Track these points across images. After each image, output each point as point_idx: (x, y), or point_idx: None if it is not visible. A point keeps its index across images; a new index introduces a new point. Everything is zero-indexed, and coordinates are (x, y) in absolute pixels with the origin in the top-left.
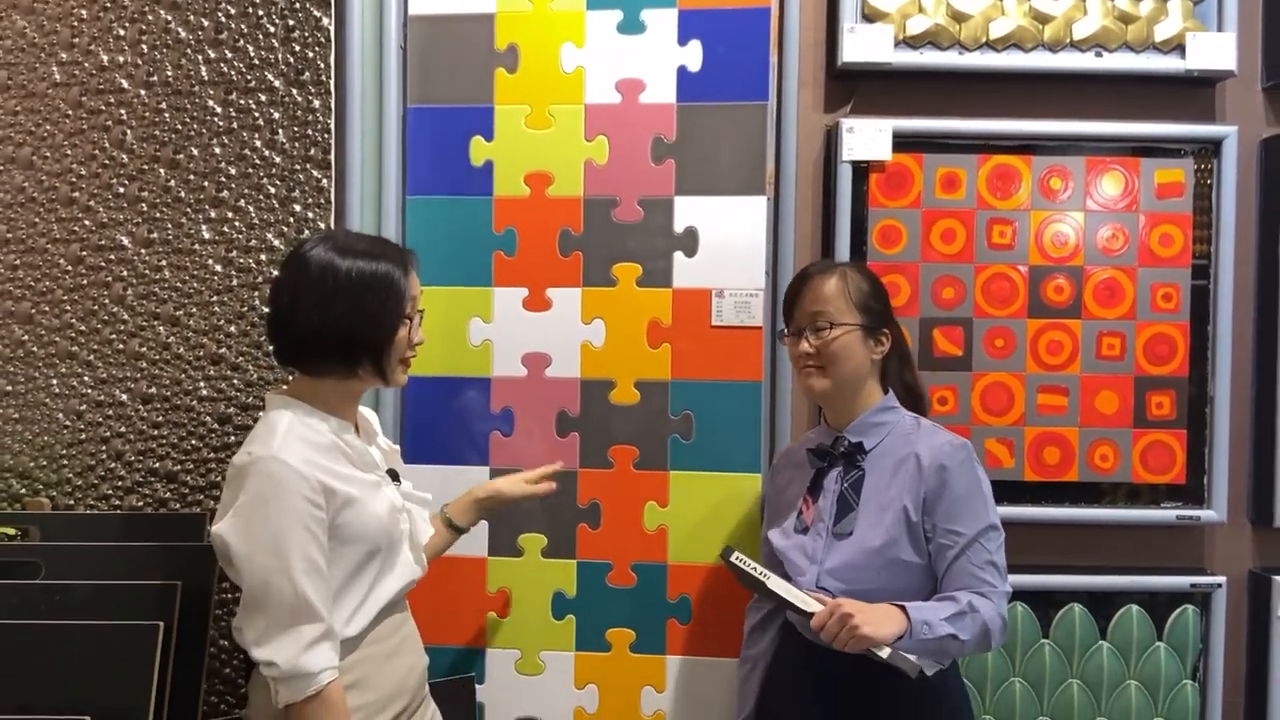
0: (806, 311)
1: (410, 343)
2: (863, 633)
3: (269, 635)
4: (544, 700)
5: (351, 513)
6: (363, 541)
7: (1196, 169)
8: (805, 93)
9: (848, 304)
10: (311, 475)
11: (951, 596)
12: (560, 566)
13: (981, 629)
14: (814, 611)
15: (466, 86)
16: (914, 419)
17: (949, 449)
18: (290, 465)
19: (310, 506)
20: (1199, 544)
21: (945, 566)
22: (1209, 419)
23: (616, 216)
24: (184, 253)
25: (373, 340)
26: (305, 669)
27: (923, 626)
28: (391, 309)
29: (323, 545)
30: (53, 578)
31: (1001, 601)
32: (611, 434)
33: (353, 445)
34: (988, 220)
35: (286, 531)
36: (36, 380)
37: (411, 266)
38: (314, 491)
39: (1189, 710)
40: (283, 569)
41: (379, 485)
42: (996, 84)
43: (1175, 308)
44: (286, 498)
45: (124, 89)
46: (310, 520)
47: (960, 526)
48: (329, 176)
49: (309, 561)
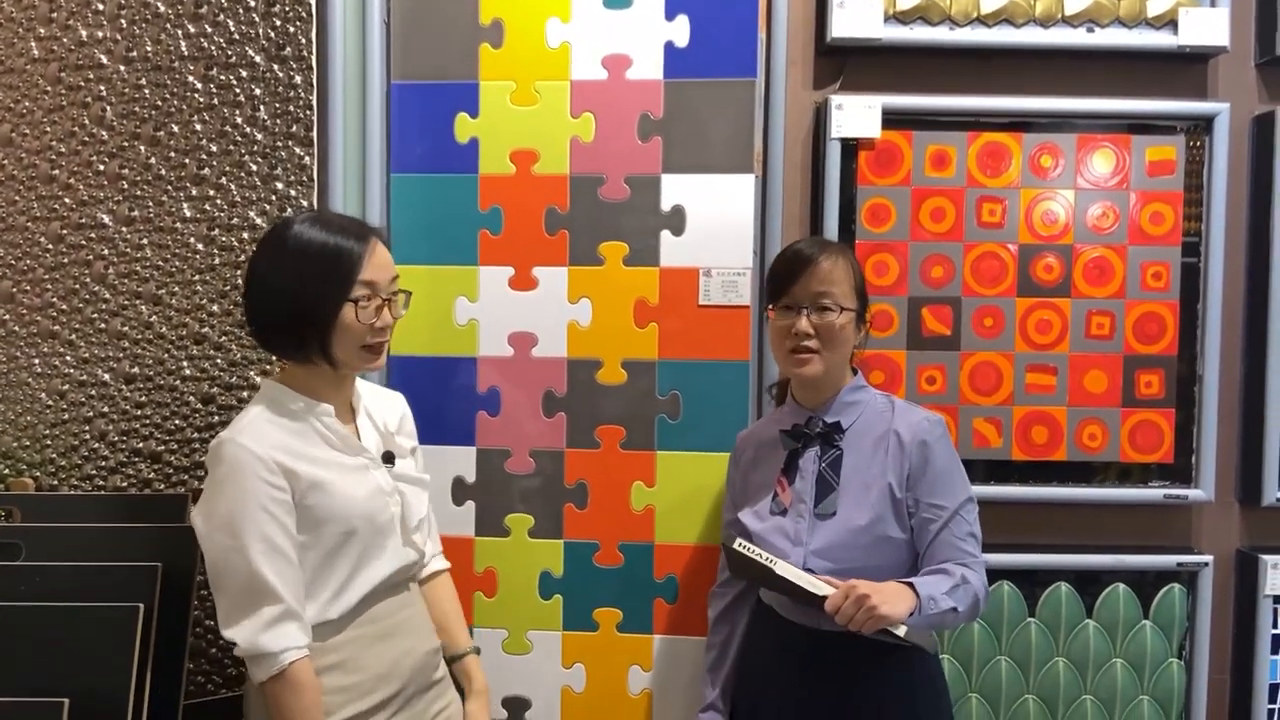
0: (809, 291)
1: (370, 326)
2: (881, 612)
3: (230, 615)
4: (531, 679)
5: (320, 495)
6: (335, 523)
7: (1188, 146)
8: (794, 69)
9: (850, 289)
10: (269, 456)
11: (943, 569)
12: (547, 546)
13: (974, 599)
14: (825, 595)
15: (451, 62)
16: (886, 397)
17: (927, 425)
18: (246, 447)
19: (267, 487)
20: (1187, 523)
21: (929, 540)
22: (1198, 398)
23: (603, 195)
24: (165, 231)
25: (313, 318)
26: (264, 648)
27: (929, 602)
28: (331, 287)
29: (285, 526)
30: (33, 559)
31: (982, 571)
32: (598, 414)
33: (332, 429)
34: (977, 198)
35: (241, 512)
36: (18, 360)
37: (371, 246)
38: (271, 472)
39: (1174, 688)
40: (238, 548)
41: (364, 468)
42: (987, 60)
43: (1165, 286)
44: (242, 479)
45: (103, 64)
46: (268, 501)
47: (942, 500)
48: (311, 154)
49: (266, 542)
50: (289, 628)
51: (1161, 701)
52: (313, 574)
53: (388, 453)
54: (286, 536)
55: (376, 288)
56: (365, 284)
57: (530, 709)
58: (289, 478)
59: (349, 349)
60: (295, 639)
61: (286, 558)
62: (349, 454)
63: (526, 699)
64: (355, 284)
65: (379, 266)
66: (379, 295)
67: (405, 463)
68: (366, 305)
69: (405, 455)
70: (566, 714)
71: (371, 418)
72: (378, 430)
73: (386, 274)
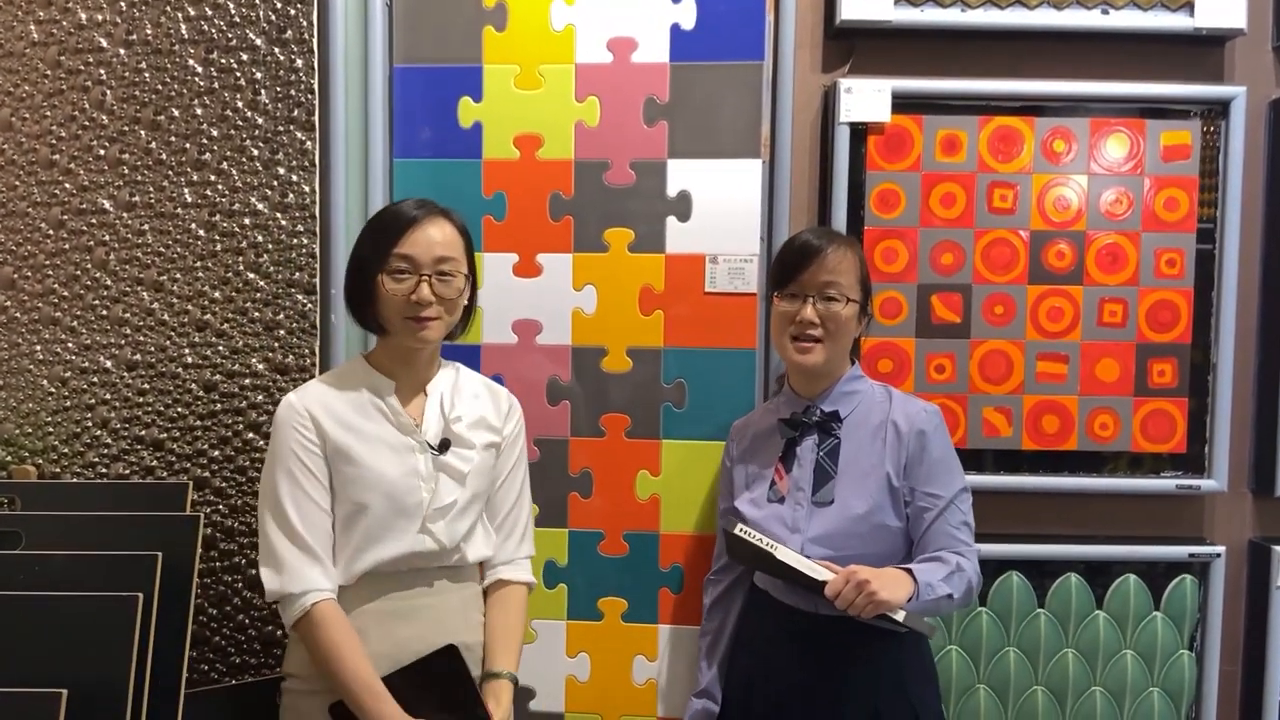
0: (817, 281)
1: (405, 299)
2: (881, 597)
3: (262, 559)
4: (536, 669)
5: (345, 462)
6: (354, 493)
7: (1204, 131)
8: (802, 52)
9: (856, 280)
10: (306, 410)
11: (938, 557)
12: (551, 535)
13: (967, 586)
14: (825, 581)
15: (454, 45)
16: (883, 388)
17: (924, 415)
18: (290, 403)
19: (300, 436)
20: (1199, 513)
21: (924, 528)
22: (1211, 387)
23: (608, 180)
24: (166, 216)
25: (359, 285)
26: (287, 590)
27: (927, 588)
28: (372, 257)
29: (315, 475)
30: (34, 548)
31: (975, 559)
32: (603, 402)
33: (389, 404)
34: (989, 184)
35: (276, 460)
36: (20, 346)
37: (418, 223)
38: (305, 425)
39: (1185, 680)
40: (271, 492)
41: (409, 449)
42: (999, 42)
43: (1179, 273)
44: (281, 430)
45: (103, 48)
46: (300, 449)
47: (938, 489)
48: (313, 138)
49: (295, 487)
50: (312, 571)
51: (1172, 693)
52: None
53: (444, 440)
54: (317, 485)
55: (416, 263)
56: (401, 257)
57: (534, 698)
58: (319, 433)
59: (392, 319)
60: (317, 582)
61: (315, 504)
62: (399, 431)
63: (530, 688)
64: (390, 256)
65: (422, 243)
66: (419, 271)
67: (464, 454)
68: (401, 279)
69: (470, 446)
70: (571, 703)
71: (444, 403)
72: (444, 417)
73: (430, 252)
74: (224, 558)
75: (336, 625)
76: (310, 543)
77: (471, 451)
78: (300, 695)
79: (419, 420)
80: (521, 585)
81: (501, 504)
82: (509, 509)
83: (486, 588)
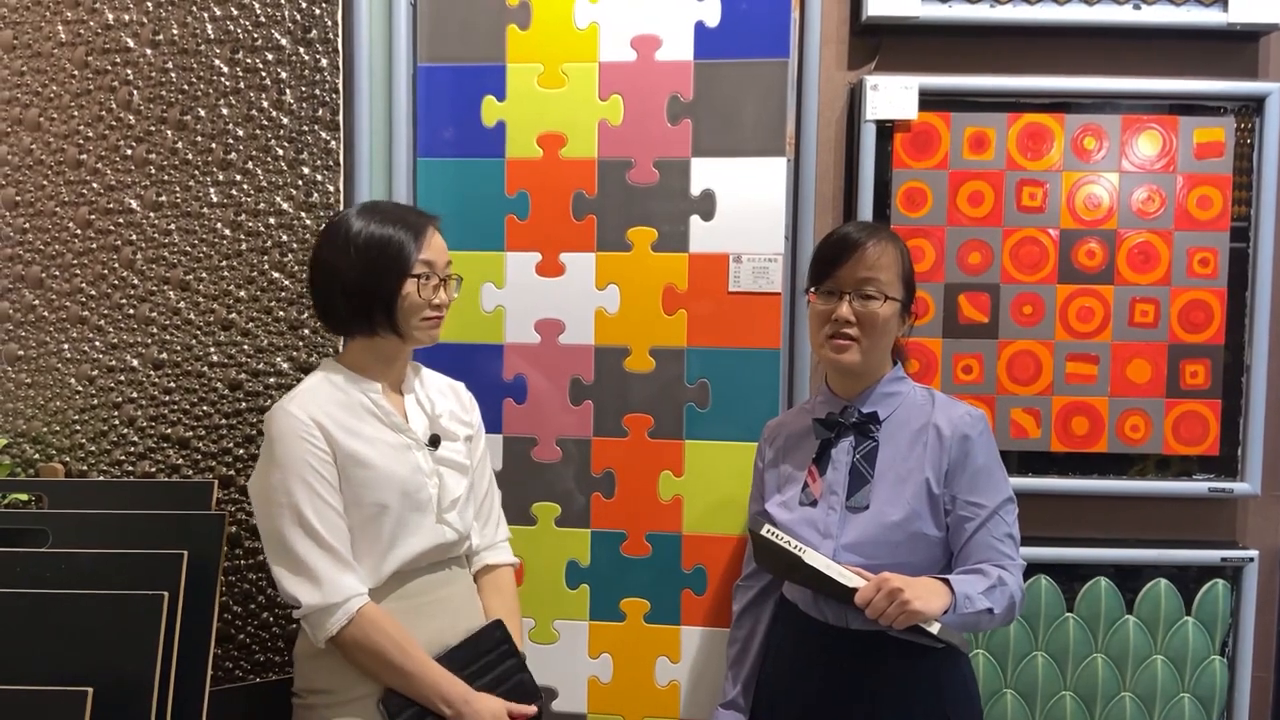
0: (855, 276)
1: (428, 301)
2: (914, 608)
3: (289, 577)
4: (558, 669)
5: (358, 467)
6: (372, 495)
7: (1238, 128)
8: (828, 49)
9: (897, 277)
10: (311, 420)
11: (979, 569)
12: (574, 536)
13: (1009, 602)
14: (856, 587)
15: (478, 44)
16: (926, 390)
17: (969, 419)
18: (291, 413)
19: (311, 447)
20: (1231, 517)
21: (965, 539)
22: (1245, 388)
23: (631, 179)
24: (192, 216)
25: (380, 294)
26: (328, 601)
27: (965, 600)
28: (394, 265)
29: (330, 483)
30: (60, 546)
31: (1019, 574)
32: (626, 402)
33: (378, 404)
34: (1017, 182)
35: (289, 472)
36: (48, 345)
37: (426, 230)
38: (313, 435)
39: (1216, 686)
40: (290, 505)
41: (407, 447)
42: (1028, 38)
43: (1213, 273)
44: (288, 442)
45: (129, 48)
46: (313, 459)
47: (981, 498)
48: (337, 138)
49: (315, 498)
50: (348, 579)
51: (1203, 699)
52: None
53: (434, 436)
54: (333, 493)
55: (435, 267)
56: (425, 263)
57: (557, 699)
58: (329, 441)
59: (411, 320)
60: (355, 588)
61: (336, 512)
62: (393, 430)
63: (553, 689)
64: (417, 262)
65: (436, 249)
66: (436, 275)
67: (454, 446)
68: (426, 283)
69: (455, 439)
70: (593, 704)
71: (421, 401)
72: (426, 413)
73: (443, 257)
74: (249, 555)
75: (387, 621)
76: (340, 550)
77: (458, 443)
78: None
79: (404, 419)
80: (508, 567)
81: (478, 492)
82: (484, 496)
83: (475, 573)
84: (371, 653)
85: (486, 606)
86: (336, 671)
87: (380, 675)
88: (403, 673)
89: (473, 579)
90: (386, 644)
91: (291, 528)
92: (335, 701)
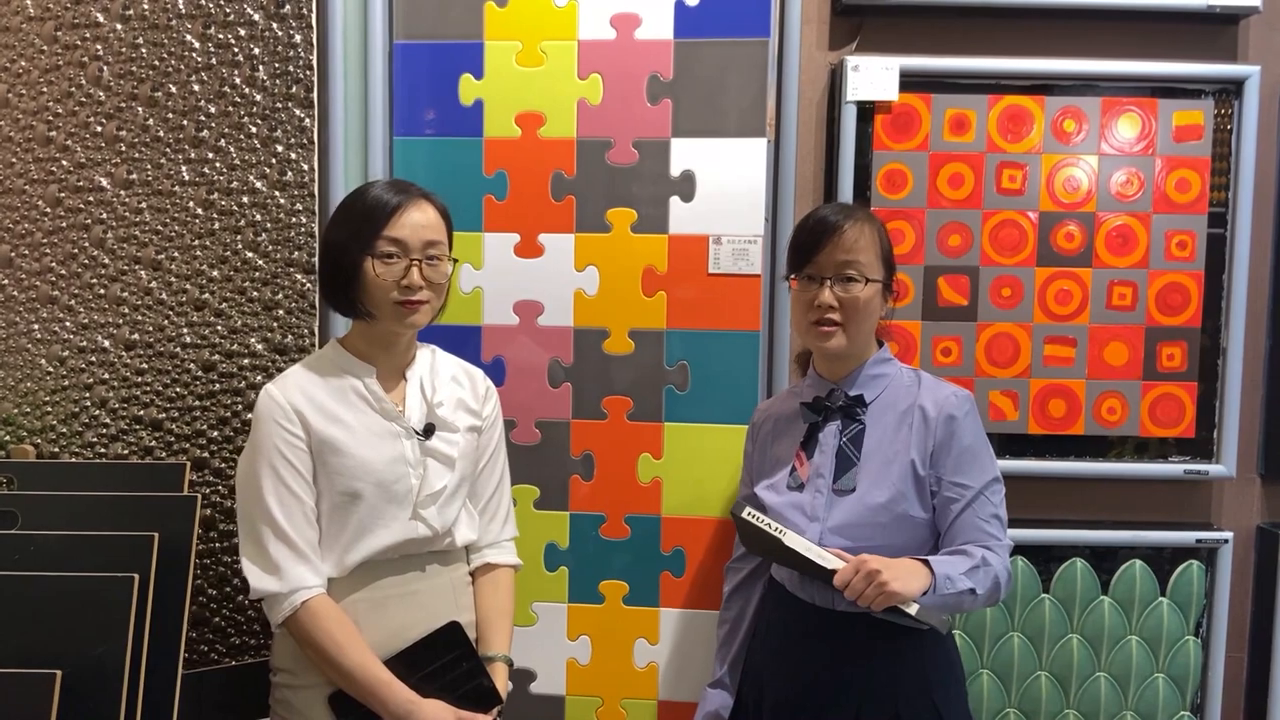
0: (834, 260)
1: (395, 282)
2: (892, 589)
3: (245, 557)
4: (536, 651)
5: (332, 452)
6: (343, 482)
7: (1216, 111)
8: (809, 29)
9: (877, 257)
10: (288, 404)
11: (963, 550)
12: (552, 518)
13: (993, 583)
14: (835, 569)
15: (455, 21)
16: (912, 372)
17: (955, 400)
18: (271, 395)
19: (283, 432)
20: (1207, 498)
21: (951, 520)
22: (1221, 371)
23: (611, 159)
24: (164, 194)
25: (340, 271)
26: (273, 590)
27: (945, 581)
28: (356, 241)
29: (298, 471)
30: (30, 528)
31: (1005, 555)
32: (605, 384)
33: (370, 390)
34: (997, 164)
35: (258, 455)
36: (17, 325)
37: (404, 206)
38: (288, 419)
39: (1191, 666)
40: (254, 489)
41: (394, 436)
42: (1009, 20)
43: (1190, 256)
44: (263, 425)
45: (99, 22)
46: (283, 445)
47: (967, 479)
48: (312, 116)
49: (278, 484)
50: (299, 569)
51: (1177, 680)
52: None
53: (428, 425)
54: (300, 481)
55: (405, 247)
56: (391, 240)
57: (535, 681)
58: (305, 427)
59: (379, 304)
60: (305, 579)
61: (299, 500)
62: (383, 418)
63: (532, 671)
64: (378, 239)
65: (410, 226)
66: (408, 255)
67: (448, 437)
68: (391, 262)
69: (453, 430)
70: (572, 686)
71: (424, 388)
72: (426, 401)
73: (419, 236)
74: (223, 538)
75: (331, 618)
76: (297, 541)
77: (456, 435)
78: (291, 690)
79: (401, 406)
80: (509, 568)
81: (484, 487)
82: (491, 492)
83: (473, 571)
84: (312, 647)
85: (478, 605)
86: (295, 655)
87: (322, 670)
88: (340, 671)
89: (467, 576)
90: (325, 640)
91: (254, 512)
92: (295, 684)
